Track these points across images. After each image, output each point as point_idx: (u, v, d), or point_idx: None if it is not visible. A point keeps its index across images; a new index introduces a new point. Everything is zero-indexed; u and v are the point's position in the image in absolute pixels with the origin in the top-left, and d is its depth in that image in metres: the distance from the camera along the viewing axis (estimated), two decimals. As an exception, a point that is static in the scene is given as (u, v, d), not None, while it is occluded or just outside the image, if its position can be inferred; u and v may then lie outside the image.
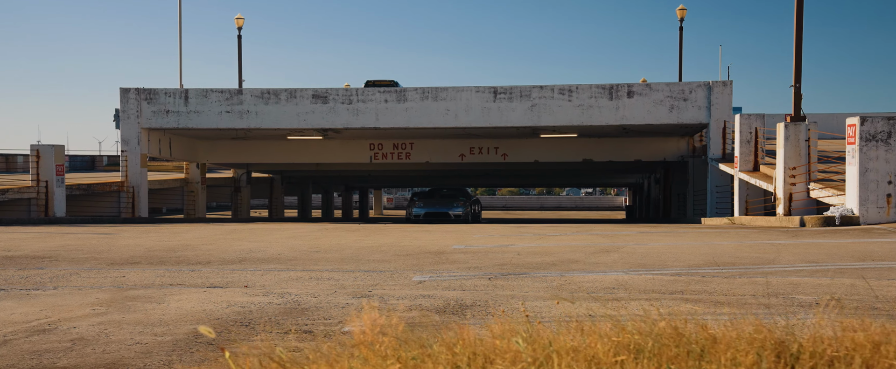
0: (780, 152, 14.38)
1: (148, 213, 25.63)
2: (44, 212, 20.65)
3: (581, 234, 10.84)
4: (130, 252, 8.17)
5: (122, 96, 25.30)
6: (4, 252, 8.21)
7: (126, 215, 24.28)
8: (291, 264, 7.17)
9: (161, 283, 6.08)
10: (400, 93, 24.89)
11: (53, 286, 5.93)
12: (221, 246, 8.94)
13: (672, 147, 27.56)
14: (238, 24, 34.98)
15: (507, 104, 24.17)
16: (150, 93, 25.35)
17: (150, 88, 25.32)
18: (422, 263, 7.10)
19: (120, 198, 24.88)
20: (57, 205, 20.91)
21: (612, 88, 23.52)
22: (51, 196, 20.75)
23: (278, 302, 5.14)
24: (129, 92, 25.29)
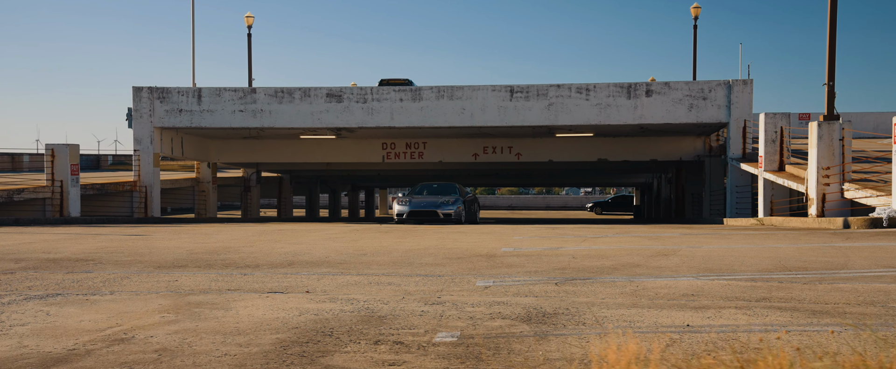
0: (813, 152, 14.18)
1: (160, 213, 25.43)
2: (59, 212, 20.44)
3: (622, 237, 10.64)
4: (172, 254, 7.97)
5: (134, 95, 25.10)
6: (45, 254, 8.00)
7: (139, 215, 24.09)
8: (343, 268, 6.97)
9: (218, 288, 5.88)
10: (415, 91, 24.69)
11: (109, 291, 5.73)
12: (262, 248, 8.74)
13: (688, 146, 27.36)
14: (248, 22, 34.79)
15: (523, 103, 23.97)
16: (162, 92, 25.16)
17: (163, 87, 25.13)
18: (477, 267, 6.90)
19: (133, 197, 24.68)
20: (72, 205, 20.71)
21: (630, 87, 23.32)
22: (66, 196, 20.55)
23: (349, 309, 4.94)
24: (141, 91, 25.09)
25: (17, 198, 19.59)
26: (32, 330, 4.30)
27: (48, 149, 20.63)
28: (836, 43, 14.17)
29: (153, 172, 24.93)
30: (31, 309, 4.99)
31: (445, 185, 23.20)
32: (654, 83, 23.19)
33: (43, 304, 5.15)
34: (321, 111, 24.95)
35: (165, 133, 25.83)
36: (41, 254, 8.05)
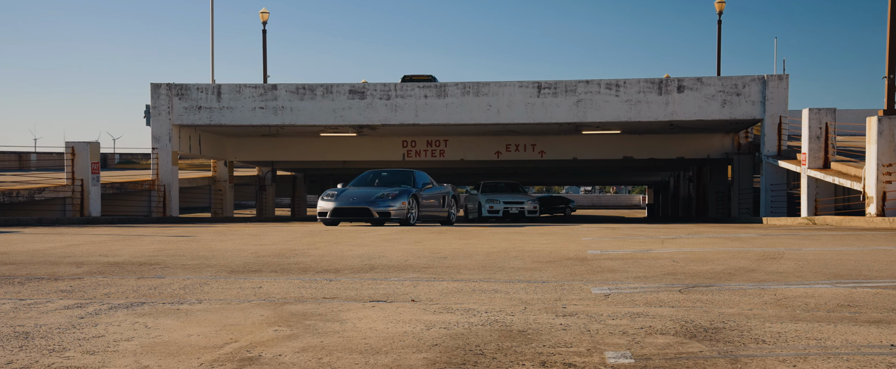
0: (873, 148, 13.68)
1: (178, 213, 24.95)
2: (79, 212, 19.96)
3: (695, 237, 10.13)
4: (237, 258, 7.47)
5: (152, 92, 24.63)
6: (102, 257, 7.50)
7: (157, 214, 23.61)
8: (430, 273, 6.47)
9: (312, 296, 5.38)
10: (440, 88, 24.19)
11: (196, 299, 5.23)
12: (328, 251, 8.24)
13: (716, 144, 26.87)
14: (263, 18, 34.31)
15: (551, 99, 23.48)
16: (181, 89, 24.68)
17: (181, 84, 24.66)
18: (577, 272, 6.40)
19: (151, 196, 24.19)
20: (93, 205, 20.23)
21: (661, 83, 22.82)
22: (86, 195, 20.07)
23: (477, 321, 4.43)
24: (160, 87, 24.62)
25: (37, 197, 19.11)
26: (142, 347, 3.80)
27: (68, 147, 20.14)
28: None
29: (172, 171, 24.45)
30: (124, 320, 4.49)
31: (398, 173, 17.79)
32: (686, 78, 22.69)
33: (133, 315, 4.65)
34: (343, 108, 24.46)
35: (183, 131, 25.36)
36: (98, 256, 7.55)
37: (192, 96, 24.56)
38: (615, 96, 23.02)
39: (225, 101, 24.58)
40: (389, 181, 17.27)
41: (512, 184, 26.75)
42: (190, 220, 22.17)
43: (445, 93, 24.03)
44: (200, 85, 24.70)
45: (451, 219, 17.91)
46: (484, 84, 23.88)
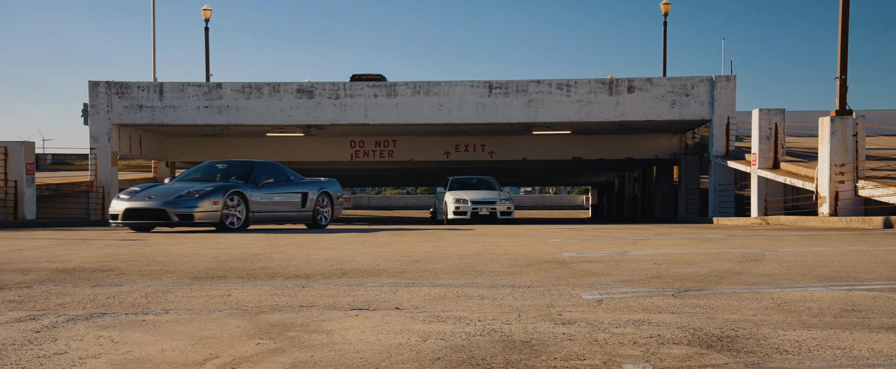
0: (826, 148, 13.83)
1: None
2: (13, 215, 19.05)
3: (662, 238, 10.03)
4: (198, 263, 7.05)
5: (90, 90, 23.73)
6: (50, 263, 7.00)
7: (96, 217, 22.74)
8: (407, 277, 6.17)
9: (288, 305, 5.03)
10: (390, 87, 23.85)
11: (161, 309, 4.83)
12: (293, 254, 7.86)
13: (664, 144, 27.11)
14: (205, 15, 33.51)
15: (502, 99, 23.35)
16: (121, 87, 23.84)
17: (121, 82, 23.82)
18: (560, 276, 6.17)
19: (89, 198, 23.29)
20: (27, 207, 19.32)
21: (612, 83, 22.88)
22: (21, 197, 19.16)
23: (473, 331, 4.15)
24: (98, 85, 23.74)
25: (-31, 199, 18.19)
26: (113, 365, 3.41)
27: (0, 146, 19.20)
28: (848, 35, 13.86)
29: (111, 172, 23.60)
30: (86, 333, 4.08)
31: (237, 164, 14.70)
32: (637, 79, 22.80)
33: (95, 327, 4.24)
34: (291, 107, 23.93)
35: (123, 130, 24.51)
36: (45, 262, 7.04)
37: (132, 95, 23.73)
38: (566, 96, 23.00)
39: (167, 100, 23.81)
40: (226, 174, 14.31)
41: (485, 180, 23.47)
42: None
43: (396, 92, 23.70)
44: (142, 83, 23.88)
45: (318, 222, 14.76)
46: (434, 83, 23.62)
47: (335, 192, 15.53)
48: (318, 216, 14.92)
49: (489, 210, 21.18)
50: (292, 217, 14.64)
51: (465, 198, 21.45)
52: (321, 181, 15.34)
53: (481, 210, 21.23)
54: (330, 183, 15.56)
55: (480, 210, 21.24)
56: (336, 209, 15.43)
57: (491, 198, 21.44)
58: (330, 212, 15.24)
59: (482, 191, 21.90)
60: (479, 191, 21.87)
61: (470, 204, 21.33)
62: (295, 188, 14.66)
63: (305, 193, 14.72)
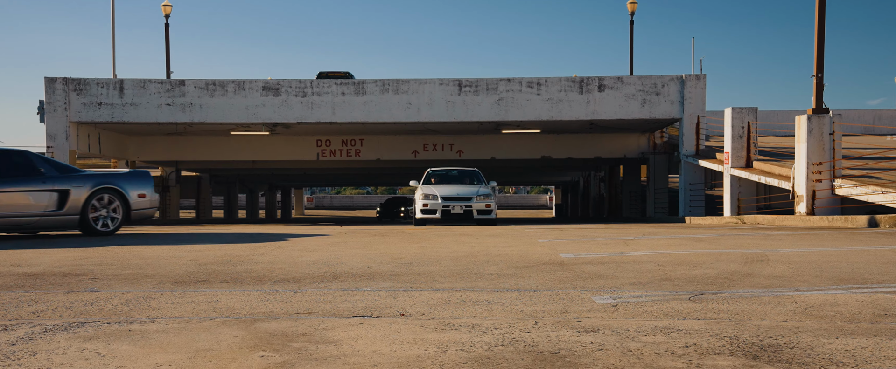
0: (802, 146, 13.80)
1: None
2: (-32, 216, 18.24)
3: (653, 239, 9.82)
4: (177, 266, 6.65)
5: (47, 86, 22.96)
6: (15, 267, 6.53)
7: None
8: (404, 281, 5.85)
9: (283, 312, 4.69)
10: (358, 85, 23.47)
11: (146, 317, 4.46)
12: (277, 257, 7.48)
13: (632, 144, 27.10)
14: (165, 11, 32.77)
15: (472, 98, 23.10)
16: (80, 84, 23.10)
17: (80, 78, 23.08)
18: (563, 278, 5.90)
19: (46, 198, 22.48)
20: (-18, 208, 18.54)
21: (582, 82, 22.77)
22: (-25, 197, 18.37)
23: (493, 340, 3.86)
24: (55, 82, 22.98)
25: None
26: (105, 384, 3.06)
27: (-46, 144, 18.37)
28: (824, 34, 13.84)
29: (70, 171, 22.81)
30: (68, 346, 3.70)
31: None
32: (607, 78, 22.71)
33: (77, 339, 3.86)
34: (257, 105, 23.42)
35: (82, 128, 23.75)
36: (10, 267, 6.58)
37: (91, 92, 23.01)
38: (537, 95, 22.83)
39: (128, 97, 23.13)
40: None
41: (469, 172, 19.59)
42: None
43: (364, 90, 23.32)
44: (101, 80, 23.17)
45: (96, 228, 11.35)
46: (404, 81, 23.29)
47: (132, 189, 11.72)
48: (94, 221, 11.36)
49: (463, 208, 17.25)
50: (39, 223, 11.06)
51: (434, 194, 17.60)
52: (104, 175, 11.67)
53: (454, 208, 17.29)
54: (121, 177, 11.85)
55: (452, 208, 17.27)
56: (135, 211, 11.75)
57: (466, 193, 17.62)
58: (121, 216, 11.61)
59: (459, 186, 18.30)
60: (456, 186, 18.28)
61: (440, 200, 17.28)
62: (45, 184, 11.05)
63: (65, 191, 11.14)
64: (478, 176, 19.43)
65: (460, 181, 19.03)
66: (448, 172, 19.41)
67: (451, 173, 19.44)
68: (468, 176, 19.33)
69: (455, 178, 19.23)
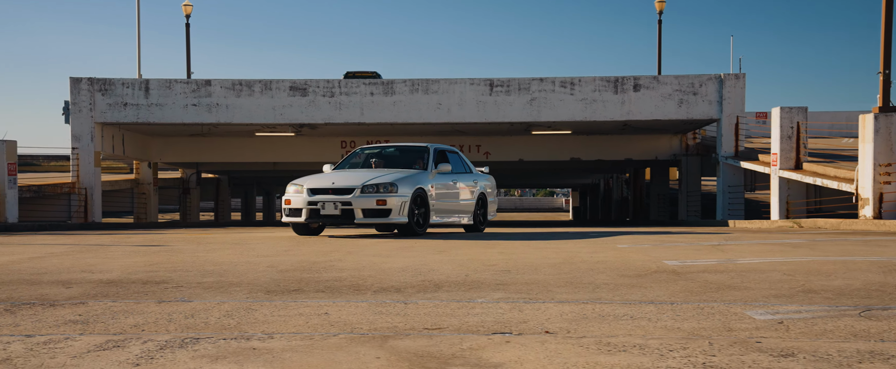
0: (868, 147, 13.29)
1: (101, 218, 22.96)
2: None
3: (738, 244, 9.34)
4: (258, 274, 6.17)
5: (72, 87, 22.58)
6: (87, 273, 6.07)
7: (78, 220, 21.61)
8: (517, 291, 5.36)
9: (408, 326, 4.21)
10: (387, 85, 23.02)
11: (262, 332, 3.99)
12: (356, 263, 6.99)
13: (664, 145, 26.58)
14: (186, 11, 32.44)
15: (504, 98, 22.64)
16: (105, 84, 22.71)
17: (105, 78, 22.69)
18: (692, 289, 5.39)
19: (71, 200, 22.11)
20: (9, 210, 18.17)
21: (617, 81, 22.28)
22: (3, 199, 18.00)
23: (679, 366, 3.38)
24: (80, 82, 22.60)
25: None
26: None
27: (-19, 145, 18.03)
28: (892, 28, 13.32)
29: (94, 173, 22.47)
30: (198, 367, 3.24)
31: None
32: (643, 77, 22.22)
33: (202, 358, 3.39)
34: (284, 106, 22.99)
35: (107, 129, 23.36)
36: (80, 273, 6.12)
37: (116, 92, 22.60)
38: (570, 95, 22.35)
39: (154, 98, 22.72)
40: None
41: (417, 149, 12.36)
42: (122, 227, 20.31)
43: (393, 90, 22.86)
44: (126, 80, 22.76)
45: None
46: (433, 81, 22.83)
47: None
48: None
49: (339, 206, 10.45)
50: None
51: (301, 185, 10.96)
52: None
53: (324, 206, 10.54)
54: None
55: (322, 206, 10.54)
56: None
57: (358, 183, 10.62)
58: None
59: (377, 172, 11.31)
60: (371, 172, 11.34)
61: (306, 194, 10.72)
62: None
63: None
64: (435, 156, 12.14)
65: (400, 164, 11.97)
66: (382, 151, 12.58)
67: (386, 152, 12.51)
68: (416, 157, 12.09)
69: (393, 160, 12.21)
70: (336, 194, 10.67)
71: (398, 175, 11.01)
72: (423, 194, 11.03)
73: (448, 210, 11.88)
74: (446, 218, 11.87)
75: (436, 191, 11.48)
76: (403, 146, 12.73)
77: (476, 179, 12.95)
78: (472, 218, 12.60)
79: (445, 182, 11.90)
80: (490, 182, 13.59)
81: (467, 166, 13.12)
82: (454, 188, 12.14)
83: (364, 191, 10.59)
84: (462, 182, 12.42)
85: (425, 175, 11.47)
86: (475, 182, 12.86)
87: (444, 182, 11.86)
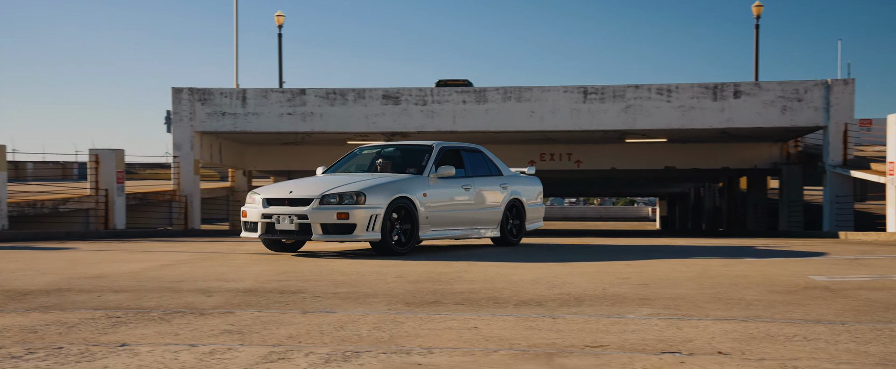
0: None
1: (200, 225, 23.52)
2: (104, 224, 18.49)
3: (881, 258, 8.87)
4: (388, 284, 6.09)
5: (173, 97, 23.22)
6: (222, 282, 6.10)
7: (178, 226, 22.16)
8: (665, 307, 5.11)
9: (568, 344, 4.04)
10: (479, 93, 22.92)
11: (421, 347, 3.87)
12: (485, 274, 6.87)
13: (764, 153, 25.70)
14: (278, 21, 33.06)
15: (598, 105, 22.25)
16: (204, 94, 23.28)
17: (204, 88, 23.26)
18: (857, 308, 5.05)
19: (172, 207, 22.71)
20: (117, 216, 18.75)
21: (716, 88, 21.64)
22: (111, 206, 18.59)
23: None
24: (181, 92, 23.21)
25: (62, 208, 17.66)
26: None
27: (92, 154, 18.67)
28: None
29: (194, 180, 23.03)
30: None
31: None
32: (744, 83, 21.53)
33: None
34: (376, 114, 23.12)
35: (205, 138, 23.93)
36: (214, 281, 6.16)
37: (215, 102, 23.14)
38: (667, 102, 21.82)
39: (250, 107, 23.18)
40: None
41: (418, 148, 10.42)
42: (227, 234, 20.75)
43: (485, 98, 22.75)
44: (224, 89, 23.29)
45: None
46: (526, 89, 22.62)
47: None
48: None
49: (295, 221, 8.74)
50: None
51: (257, 197, 9.22)
52: None
53: (280, 220, 8.83)
54: None
55: (278, 220, 8.83)
56: None
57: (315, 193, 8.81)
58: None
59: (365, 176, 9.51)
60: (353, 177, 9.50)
61: (261, 206, 9.04)
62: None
63: None
64: (438, 157, 9.96)
65: (401, 167, 10.03)
66: (381, 151, 10.61)
67: (385, 152, 10.55)
68: (417, 159, 10.01)
69: (394, 162, 10.25)
70: (292, 205, 8.75)
71: (374, 182, 8.96)
72: (407, 204, 8.90)
73: (456, 221, 9.70)
74: (451, 231, 9.68)
75: (433, 199, 9.28)
76: (405, 145, 10.61)
77: (506, 183, 10.67)
78: (500, 229, 10.40)
79: (452, 188, 9.70)
80: (530, 186, 11.28)
81: (494, 167, 10.81)
82: (466, 195, 9.88)
83: (323, 203, 8.60)
84: (483, 187, 10.23)
85: (418, 181, 9.33)
86: (504, 186, 10.58)
87: (451, 188, 9.68)
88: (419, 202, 9.06)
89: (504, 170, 10.97)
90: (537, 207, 11.37)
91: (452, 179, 9.77)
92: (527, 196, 11.06)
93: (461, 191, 9.85)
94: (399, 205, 8.81)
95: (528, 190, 11.20)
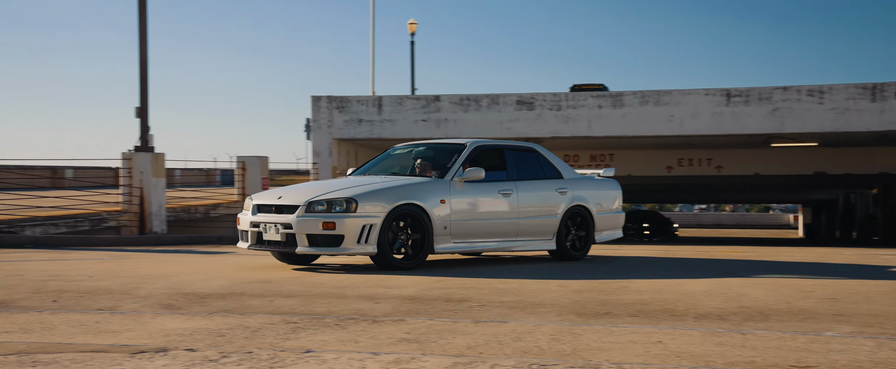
0: None
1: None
2: (249, 229, 19.19)
3: None
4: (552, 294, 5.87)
5: (313, 105, 23.88)
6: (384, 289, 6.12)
7: (317, 231, 22.72)
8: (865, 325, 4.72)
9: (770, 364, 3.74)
10: (615, 97, 22.40)
11: (608, 361, 3.68)
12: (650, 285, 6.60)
13: (927, 156, 23.91)
14: (411, 29, 33.54)
15: (742, 108, 21.29)
16: (342, 102, 23.82)
17: (342, 96, 23.81)
18: None
19: (311, 213, 23.34)
20: (262, 221, 19.41)
21: (874, 88, 20.28)
22: (256, 211, 19.26)
23: None
24: (320, 100, 23.85)
25: (212, 213, 18.46)
26: None
27: (239, 161, 19.40)
28: None
29: (332, 186, 23.55)
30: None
31: None
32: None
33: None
34: (510, 120, 22.98)
35: (342, 145, 24.49)
36: (377, 288, 6.14)
37: (352, 109, 23.64)
38: (818, 104, 20.62)
39: (386, 114, 23.54)
40: None
41: (449, 147, 9.06)
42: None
43: (621, 102, 22.20)
44: (361, 97, 23.76)
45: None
46: (665, 92, 21.92)
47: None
48: None
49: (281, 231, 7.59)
50: None
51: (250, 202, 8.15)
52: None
53: (266, 229, 7.70)
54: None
55: (265, 229, 7.71)
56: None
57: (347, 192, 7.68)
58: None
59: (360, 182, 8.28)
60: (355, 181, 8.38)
61: (251, 213, 7.95)
62: None
63: None
64: (469, 157, 8.72)
65: (432, 167, 8.73)
66: (412, 151, 9.39)
67: (416, 152, 9.25)
68: (446, 159, 8.68)
69: (427, 161, 8.85)
70: (279, 213, 7.64)
71: (374, 187, 7.75)
72: (416, 213, 7.66)
73: (488, 232, 8.34)
74: (480, 243, 8.33)
75: (455, 206, 8.01)
76: (436, 144, 9.26)
77: (566, 187, 9.04)
78: (556, 240, 8.87)
79: (484, 193, 8.37)
80: (601, 191, 9.55)
81: (550, 169, 9.18)
82: (504, 200, 8.50)
83: (308, 211, 7.44)
84: (531, 191, 8.75)
85: (436, 185, 8.03)
86: (562, 191, 8.98)
87: (482, 193, 8.35)
88: (434, 209, 7.76)
89: (565, 171, 9.31)
90: (611, 216, 9.56)
91: (486, 183, 8.39)
92: (596, 202, 9.30)
93: (497, 197, 8.44)
94: (405, 213, 7.57)
95: (599, 195, 9.44)
